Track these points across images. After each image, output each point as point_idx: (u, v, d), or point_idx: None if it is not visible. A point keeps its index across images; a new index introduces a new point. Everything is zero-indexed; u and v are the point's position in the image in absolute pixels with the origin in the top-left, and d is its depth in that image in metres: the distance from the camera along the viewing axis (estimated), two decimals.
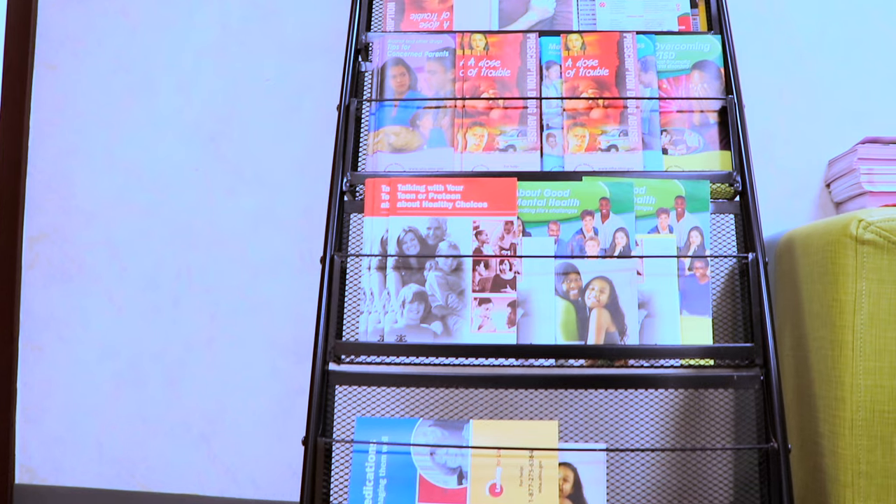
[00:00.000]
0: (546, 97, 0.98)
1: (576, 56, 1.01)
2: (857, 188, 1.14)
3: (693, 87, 1.00)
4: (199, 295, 1.24)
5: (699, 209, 0.94)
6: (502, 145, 0.98)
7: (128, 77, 1.30)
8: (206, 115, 1.28)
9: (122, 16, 1.32)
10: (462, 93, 0.99)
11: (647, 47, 1.01)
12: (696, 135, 0.99)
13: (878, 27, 1.27)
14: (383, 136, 0.99)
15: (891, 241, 0.86)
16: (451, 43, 1.02)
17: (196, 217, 1.26)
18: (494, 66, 1.01)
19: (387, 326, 0.91)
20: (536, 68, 1.01)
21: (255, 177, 1.26)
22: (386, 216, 0.94)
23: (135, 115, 1.29)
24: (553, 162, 0.98)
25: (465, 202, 0.94)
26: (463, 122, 0.98)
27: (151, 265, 1.25)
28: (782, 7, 1.28)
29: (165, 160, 1.27)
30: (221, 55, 1.29)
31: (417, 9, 1.06)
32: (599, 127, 0.98)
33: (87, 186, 1.28)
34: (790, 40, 1.27)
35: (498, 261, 0.92)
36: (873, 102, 1.25)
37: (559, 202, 0.93)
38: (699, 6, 1.08)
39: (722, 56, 1.01)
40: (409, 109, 0.99)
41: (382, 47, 1.02)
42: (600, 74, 1.00)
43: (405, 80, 1.01)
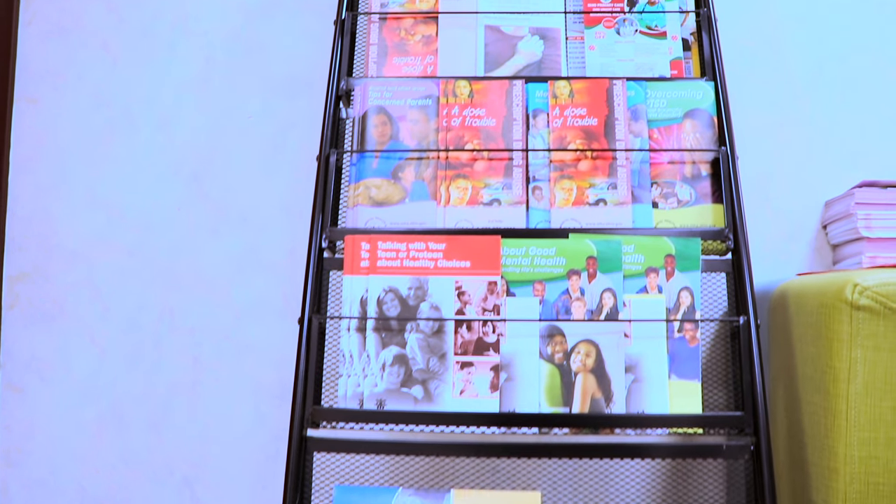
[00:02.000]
0: (532, 149, 0.95)
1: (563, 104, 0.97)
2: (854, 233, 1.11)
3: (685, 137, 0.97)
4: (183, 337, 1.22)
5: (690, 268, 0.90)
6: (486, 199, 0.95)
7: (109, 112, 1.27)
8: (188, 152, 1.25)
9: (103, 49, 1.29)
10: (445, 143, 0.96)
11: (638, 95, 0.98)
12: (688, 187, 0.95)
13: (876, 65, 1.23)
14: (364, 190, 0.96)
15: (887, 307, 0.83)
16: (435, 90, 0.98)
17: (179, 257, 1.23)
18: (479, 115, 0.97)
19: (366, 390, 0.89)
20: (522, 117, 0.97)
21: (238, 217, 1.23)
22: (366, 275, 0.91)
23: (116, 152, 1.26)
24: (539, 216, 0.94)
25: (448, 261, 0.91)
26: (446, 175, 0.95)
27: (134, 306, 1.23)
28: (778, 45, 1.24)
29: (147, 198, 1.25)
30: (204, 90, 1.26)
31: (401, 52, 1.03)
32: (587, 179, 0.95)
33: (67, 225, 1.25)
34: (786, 78, 1.23)
35: (481, 323, 0.89)
36: (871, 142, 1.22)
37: (545, 261, 0.90)
38: (692, 49, 1.04)
39: (715, 104, 0.98)
40: (390, 161, 0.96)
41: (364, 94, 0.99)
42: (589, 124, 0.96)
43: (387, 129, 0.97)
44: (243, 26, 1.28)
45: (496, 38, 1.03)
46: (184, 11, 1.29)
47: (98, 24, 1.29)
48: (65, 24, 1.30)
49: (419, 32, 1.03)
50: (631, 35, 1.03)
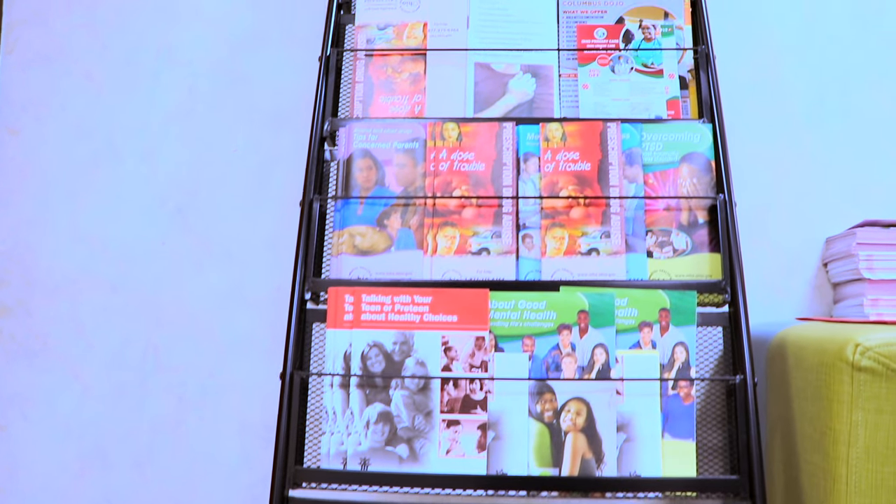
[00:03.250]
0: (523, 196, 0.91)
1: (555, 148, 0.94)
2: (855, 273, 1.08)
3: (681, 183, 0.93)
4: (167, 374, 1.19)
5: (685, 322, 0.87)
6: (475, 248, 0.91)
7: (92, 144, 1.24)
8: (172, 185, 1.22)
9: (87, 79, 1.25)
10: (433, 189, 0.93)
11: (633, 138, 0.94)
12: (684, 236, 0.92)
13: (878, 98, 1.19)
14: (348, 238, 0.92)
15: (890, 369, 0.79)
16: (422, 133, 0.95)
17: (163, 293, 1.20)
18: (468, 160, 0.94)
19: (350, 448, 0.86)
20: (513, 162, 0.94)
21: (223, 252, 1.20)
22: (349, 329, 0.88)
23: (99, 184, 1.23)
24: (529, 266, 0.91)
25: (434, 315, 0.88)
26: (433, 222, 0.92)
27: (118, 342, 1.20)
28: (777, 76, 1.20)
29: (131, 233, 1.22)
30: (188, 122, 1.23)
31: (388, 91, 0.99)
32: (580, 228, 0.91)
33: (50, 258, 1.22)
34: (786, 111, 1.19)
35: (468, 379, 0.86)
36: (873, 176, 1.18)
37: (534, 315, 0.87)
38: (689, 87, 1.00)
39: (713, 147, 0.94)
40: (376, 207, 0.93)
41: (349, 137, 0.95)
42: (582, 169, 0.93)
43: (372, 174, 0.94)
44: (228, 56, 1.25)
45: (486, 77, 0.99)
46: (168, 40, 1.25)
47: (81, 53, 1.26)
48: (48, 52, 1.27)
49: (407, 70, 1.00)
50: (626, 73, 0.99)
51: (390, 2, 1.02)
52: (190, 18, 1.26)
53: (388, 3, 1.02)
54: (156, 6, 1.27)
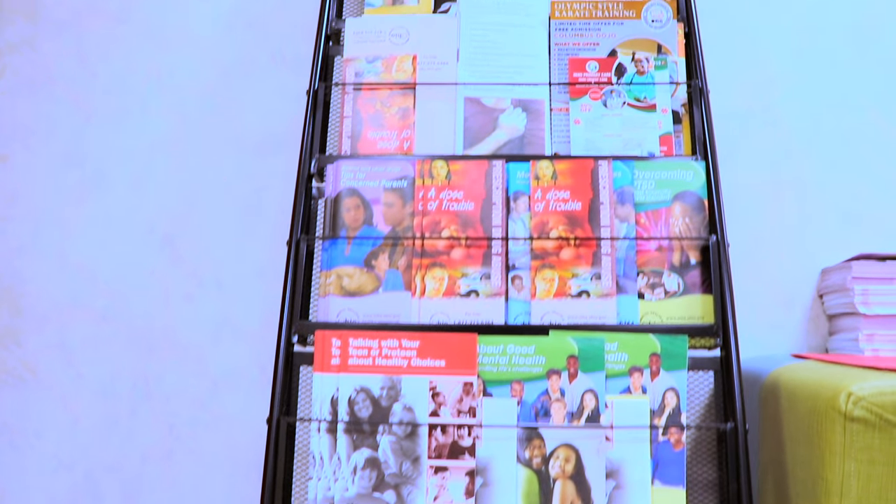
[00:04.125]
0: (513, 237, 0.90)
1: (546, 187, 0.92)
2: (850, 307, 1.06)
3: (674, 222, 0.92)
4: (158, 405, 1.18)
5: (676, 367, 0.86)
6: (464, 290, 0.90)
7: (81, 171, 1.23)
8: (161, 214, 1.21)
9: (75, 105, 1.24)
10: (421, 229, 0.92)
11: (625, 176, 0.93)
12: (676, 277, 0.91)
13: (875, 125, 1.17)
14: (335, 279, 0.91)
15: (883, 419, 0.78)
16: (411, 171, 0.94)
17: (153, 323, 1.19)
18: (457, 199, 0.93)
19: (337, 494, 0.85)
20: (502, 201, 0.92)
21: (213, 282, 1.19)
22: (336, 373, 0.87)
23: (88, 212, 1.22)
24: (519, 308, 0.90)
25: (422, 359, 0.87)
26: (421, 263, 0.91)
27: (108, 372, 1.19)
28: (771, 101, 1.19)
29: (120, 261, 1.21)
30: (178, 149, 1.22)
31: (376, 126, 0.98)
32: (570, 269, 0.90)
33: (38, 287, 1.21)
34: (781, 136, 1.18)
35: (456, 425, 0.85)
36: (870, 204, 1.17)
37: (523, 359, 0.86)
38: (683, 121, 0.99)
39: (706, 186, 0.93)
40: (363, 247, 0.92)
41: (336, 175, 0.94)
42: (572, 209, 0.92)
43: (360, 213, 0.93)
44: (218, 83, 1.23)
45: (476, 111, 0.98)
46: (157, 67, 1.24)
47: (70, 79, 1.25)
48: (36, 78, 1.25)
49: (396, 104, 0.98)
50: (618, 108, 0.98)
51: (379, 34, 1.01)
52: (179, 45, 1.25)
53: (377, 36, 1.01)
54: (144, 32, 1.26)
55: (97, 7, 1.27)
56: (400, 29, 1.01)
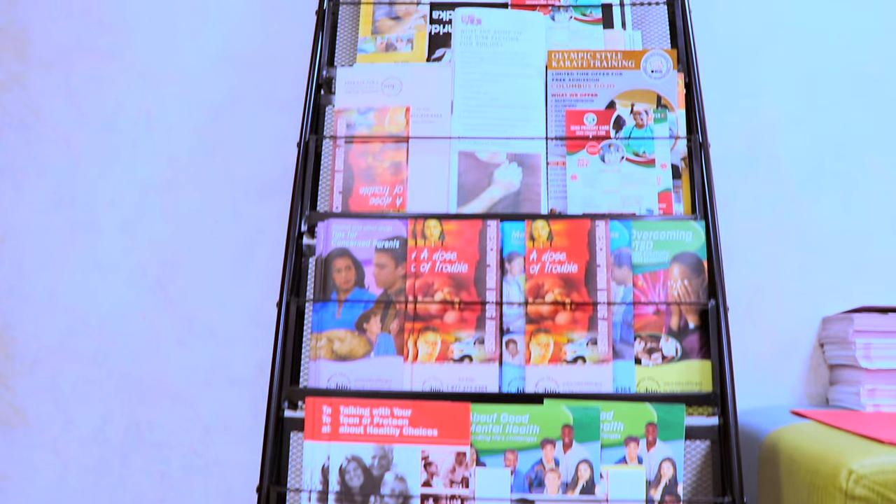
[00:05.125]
0: (507, 302, 0.88)
1: (542, 248, 0.90)
2: (852, 359, 1.04)
3: (672, 285, 0.90)
4: (149, 451, 1.17)
5: (672, 437, 0.84)
6: (457, 355, 0.88)
7: (70, 213, 1.21)
8: (153, 257, 1.19)
9: (65, 145, 1.22)
10: (414, 292, 0.90)
11: (622, 237, 0.91)
12: (674, 341, 0.89)
13: (877, 169, 1.15)
14: (326, 342, 0.89)
15: (885, 499, 0.77)
16: (403, 230, 0.92)
17: (145, 368, 1.18)
18: (450, 260, 0.91)
19: None
20: (497, 263, 0.90)
21: (205, 327, 1.18)
22: (327, 441, 0.85)
23: (78, 255, 1.20)
24: (513, 373, 0.88)
25: (414, 428, 0.85)
26: (414, 327, 0.89)
27: (99, 418, 1.18)
28: (773, 145, 1.16)
29: (111, 305, 1.19)
30: (168, 192, 1.20)
31: (368, 181, 0.96)
32: (565, 334, 0.88)
33: (28, 331, 1.20)
34: (781, 181, 1.16)
35: (448, 496, 0.84)
36: (872, 252, 1.14)
37: (517, 428, 0.85)
38: (682, 176, 0.97)
39: (705, 247, 0.90)
40: (355, 310, 0.90)
41: (327, 234, 0.92)
42: (568, 271, 0.90)
43: (351, 274, 0.91)
44: (209, 123, 1.21)
45: (471, 166, 0.96)
46: (147, 106, 1.22)
47: (59, 118, 1.23)
48: (24, 116, 1.23)
49: (388, 159, 0.96)
50: (617, 163, 0.95)
51: (371, 84, 0.98)
52: (169, 85, 1.23)
53: (370, 86, 0.98)
54: (135, 71, 1.23)
55: (87, 46, 1.25)
56: (393, 79, 0.98)
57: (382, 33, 1.05)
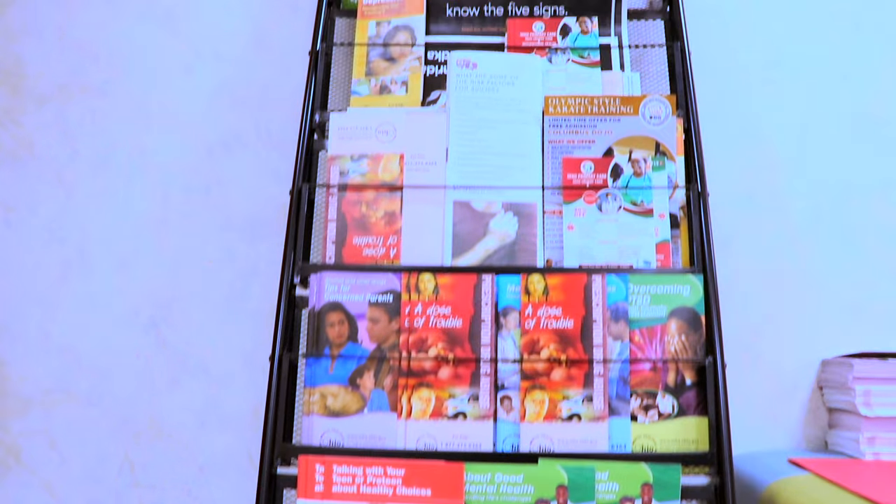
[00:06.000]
0: (502, 359, 0.87)
1: (537, 303, 0.89)
2: (851, 406, 1.03)
3: (669, 340, 0.89)
4: (143, 492, 1.16)
5: (668, 497, 0.83)
6: (451, 412, 0.87)
7: (63, 250, 1.20)
8: (146, 296, 1.18)
9: (58, 181, 1.21)
10: (407, 347, 0.89)
11: (619, 291, 0.89)
12: (671, 398, 0.88)
13: (877, 211, 1.14)
14: (319, 398, 0.88)
15: None
16: (397, 284, 0.90)
17: (138, 408, 1.17)
18: (444, 315, 0.89)
19: None
20: (492, 317, 0.89)
21: (199, 367, 1.17)
22: (320, 500, 0.85)
23: (71, 294, 1.19)
24: (508, 430, 0.87)
25: (407, 488, 0.84)
26: (408, 383, 0.88)
27: (93, 458, 1.17)
28: (774, 188, 1.15)
29: (105, 345, 1.18)
30: (162, 230, 1.19)
31: (361, 231, 0.95)
32: (561, 391, 0.87)
33: (21, 369, 1.19)
34: (781, 224, 1.14)
35: None
36: (872, 294, 1.13)
37: (511, 488, 0.84)
38: (681, 225, 0.95)
39: (703, 302, 0.89)
40: (348, 365, 0.89)
41: (320, 288, 0.91)
42: (564, 326, 0.88)
43: (344, 328, 0.90)
44: (203, 162, 1.20)
45: (466, 216, 0.94)
46: (140, 143, 1.20)
47: (53, 154, 1.21)
48: (17, 152, 1.22)
49: (382, 207, 0.95)
50: (614, 212, 0.94)
51: (365, 130, 0.97)
52: (163, 121, 1.21)
53: (363, 132, 0.97)
54: (128, 107, 1.22)
55: (81, 81, 1.23)
56: (387, 125, 0.97)
57: (377, 75, 1.03)
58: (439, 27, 1.07)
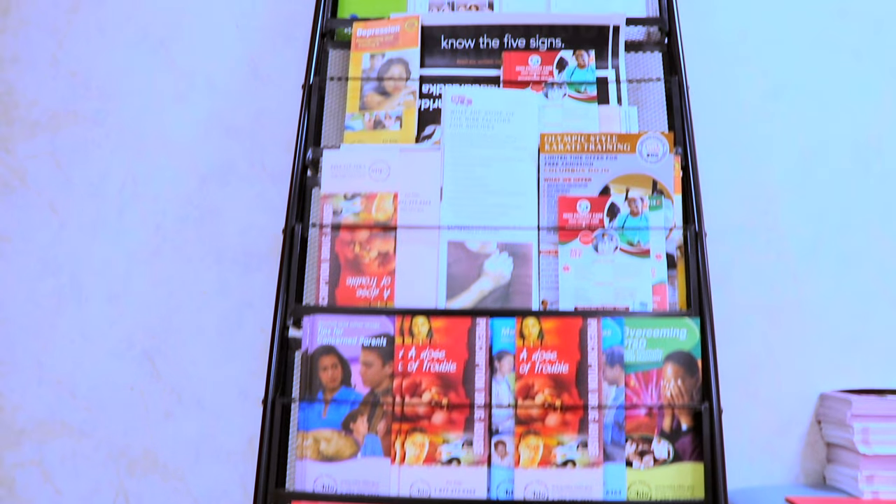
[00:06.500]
0: (496, 405, 0.86)
1: (532, 347, 0.88)
2: (850, 443, 1.02)
3: (665, 384, 0.88)
4: None
5: None
6: (445, 457, 0.87)
7: (56, 281, 1.19)
8: (140, 328, 1.17)
9: (50, 210, 1.20)
10: (401, 391, 0.88)
11: (615, 335, 0.88)
12: (666, 444, 0.87)
13: (877, 244, 1.13)
14: (313, 442, 0.88)
15: None
16: (390, 327, 0.89)
17: (133, 440, 1.16)
18: (438, 359, 0.89)
19: None
20: (486, 362, 0.88)
21: (193, 399, 1.16)
22: None
23: (65, 325, 1.18)
24: (502, 476, 0.86)
25: None
26: (401, 427, 0.87)
27: (87, 490, 1.17)
28: (772, 220, 1.14)
29: (99, 376, 1.17)
30: (155, 261, 1.18)
31: (355, 272, 0.94)
32: (555, 436, 0.86)
33: (15, 402, 1.18)
34: (780, 256, 1.13)
35: None
36: (872, 325, 1.12)
37: None
38: (678, 266, 0.94)
39: (700, 345, 0.88)
40: (341, 409, 0.88)
41: (313, 330, 0.90)
42: (559, 371, 0.88)
43: (337, 372, 0.89)
44: (196, 191, 1.19)
45: (460, 257, 0.93)
46: (133, 173, 1.19)
47: (44, 183, 1.20)
48: (9, 180, 1.21)
49: (375, 248, 0.94)
50: (610, 253, 0.93)
51: (358, 169, 0.96)
52: (156, 150, 1.20)
53: (357, 170, 0.96)
54: (121, 136, 1.21)
55: (73, 109, 1.22)
56: (380, 163, 0.96)
57: (370, 109, 1.02)
58: (434, 60, 1.05)
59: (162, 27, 1.25)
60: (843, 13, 1.21)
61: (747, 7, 1.21)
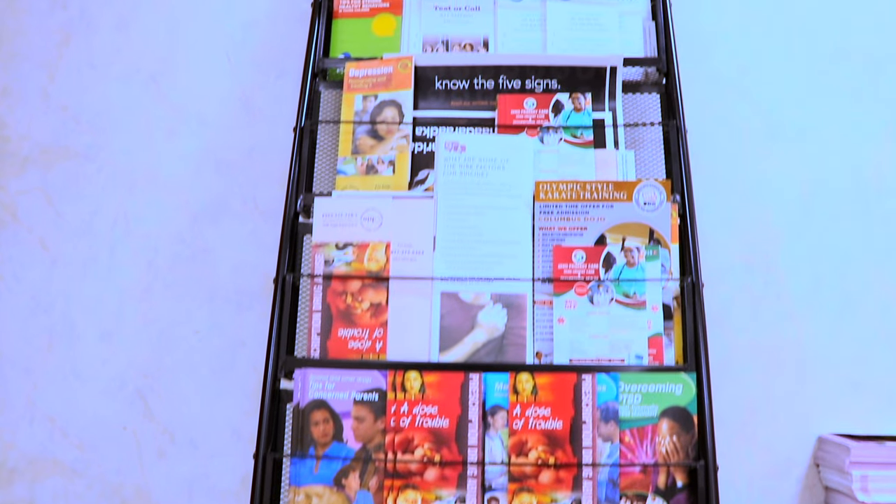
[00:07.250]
0: (489, 462, 0.85)
1: (526, 402, 0.87)
2: (848, 490, 1.01)
3: (660, 441, 0.87)
4: None
5: None
6: None
7: (48, 318, 1.18)
8: (132, 367, 1.16)
9: (41, 247, 1.18)
10: (393, 447, 0.87)
11: (609, 391, 0.87)
12: (661, 501, 0.86)
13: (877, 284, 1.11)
14: (304, 499, 0.87)
15: None
16: (382, 382, 0.88)
17: (125, 480, 1.16)
18: (431, 414, 0.87)
19: None
20: (479, 417, 0.87)
21: (186, 440, 1.15)
22: None
23: (56, 363, 1.17)
24: None
25: None
26: (394, 484, 0.86)
27: None
28: (770, 261, 1.12)
29: (91, 415, 1.17)
30: (147, 299, 1.17)
31: (347, 323, 0.92)
32: (549, 494, 0.85)
33: (6, 440, 1.17)
34: (778, 298, 1.12)
35: None
36: (870, 366, 1.11)
37: None
38: (674, 317, 0.93)
39: (696, 401, 0.87)
40: (333, 465, 0.87)
41: (304, 385, 0.89)
42: (553, 427, 0.87)
43: (329, 427, 0.88)
44: (188, 228, 1.17)
45: (454, 308, 0.92)
46: (124, 209, 1.18)
47: (36, 219, 1.19)
48: (0, 217, 1.20)
49: (367, 299, 0.92)
50: (606, 304, 0.92)
51: (350, 217, 0.95)
52: (147, 186, 1.19)
53: (349, 219, 0.95)
54: (111, 171, 1.20)
55: (64, 144, 1.21)
56: (372, 212, 0.94)
57: (363, 153, 1.01)
58: (428, 101, 1.04)
59: (153, 61, 1.23)
60: (842, 54, 1.19)
61: (746, 47, 1.20)
